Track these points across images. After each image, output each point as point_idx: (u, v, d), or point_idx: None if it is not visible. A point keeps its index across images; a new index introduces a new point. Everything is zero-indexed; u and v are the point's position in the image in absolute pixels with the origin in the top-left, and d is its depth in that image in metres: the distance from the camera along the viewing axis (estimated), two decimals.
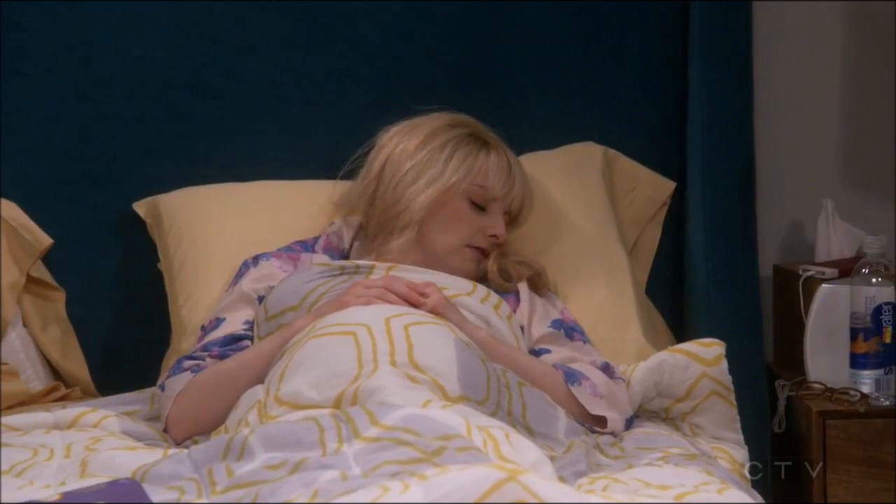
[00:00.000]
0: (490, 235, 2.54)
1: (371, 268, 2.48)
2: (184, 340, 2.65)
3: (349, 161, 2.68)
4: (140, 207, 2.85)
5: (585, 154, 2.92)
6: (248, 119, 2.91)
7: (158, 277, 2.80)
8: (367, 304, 2.28)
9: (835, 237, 2.91)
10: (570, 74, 2.98)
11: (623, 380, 2.39)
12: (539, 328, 2.51)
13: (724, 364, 2.36)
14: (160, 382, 2.41)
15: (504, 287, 2.55)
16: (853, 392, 2.64)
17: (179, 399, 2.32)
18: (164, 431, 2.33)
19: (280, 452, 1.84)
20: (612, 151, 2.95)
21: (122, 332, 2.87)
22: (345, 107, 2.90)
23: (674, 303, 2.98)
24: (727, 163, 2.88)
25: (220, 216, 2.76)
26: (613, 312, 2.69)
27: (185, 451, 1.96)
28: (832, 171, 3.11)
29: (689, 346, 2.38)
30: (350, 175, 2.68)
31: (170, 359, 2.65)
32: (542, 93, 2.97)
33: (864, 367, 2.64)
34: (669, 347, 2.43)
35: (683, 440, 2.28)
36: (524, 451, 1.85)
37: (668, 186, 2.96)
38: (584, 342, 2.50)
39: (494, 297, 2.48)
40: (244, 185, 2.83)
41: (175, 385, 2.34)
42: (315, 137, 2.90)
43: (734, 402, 2.39)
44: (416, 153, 2.54)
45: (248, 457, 1.85)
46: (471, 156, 2.54)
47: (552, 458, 1.99)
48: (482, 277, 2.55)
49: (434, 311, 2.30)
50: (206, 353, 2.40)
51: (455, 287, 2.45)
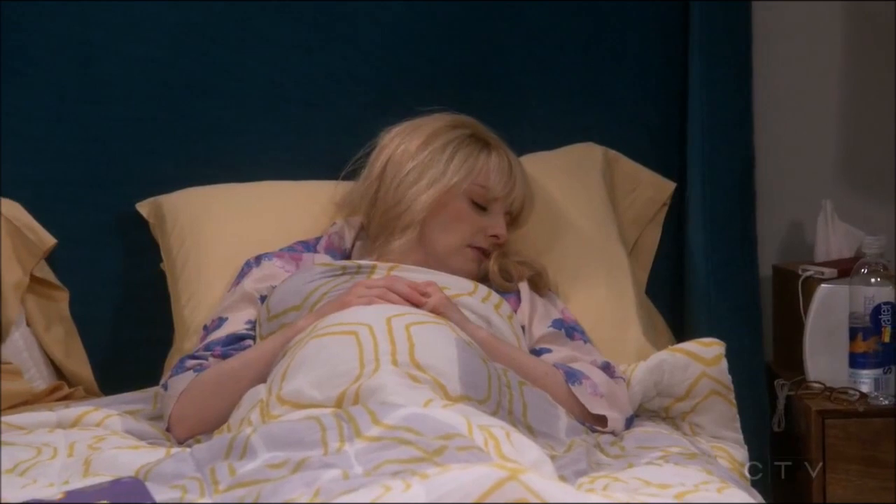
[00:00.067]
0: (491, 235, 2.55)
1: (373, 268, 2.49)
2: (186, 340, 2.65)
3: (351, 161, 2.69)
4: (143, 208, 2.85)
5: (586, 155, 2.92)
6: (250, 119, 2.91)
7: (161, 277, 2.81)
8: (369, 304, 2.28)
9: (834, 237, 2.91)
10: (571, 75, 2.98)
11: (623, 379, 2.39)
12: (540, 328, 2.51)
13: (724, 363, 2.36)
14: (163, 382, 2.41)
15: (505, 287, 2.55)
16: (852, 391, 2.64)
17: (182, 398, 2.32)
18: (167, 430, 2.33)
19: (282, 451, 1.84)
20: (613, 152, 2.95)
21: (125, 332, 2.88)
22: (346, 107, 2.91)
23: (674, 303, 2.98)
24: (727, 163, 2.88)
25: (223, 216, 2.77)
26: (614, 312, 2.69)
27: (188, 450, 1.97)
28: (831, 172, 3.11)
29: (689, 346, 2.38)
30: (352, 175, 2.69)
31: (172, 358, 2.66)
32: (543, 93, 2.97)
33: (863, 367, 2.64)
34: (669, 347, 2.43)
35: (683, 439, 2.29)
36: (525, 451, 1.85)
37: (669, 187, 2.96)
38: (585, 342, 2.50)
39: (495, 297, 2.48)
40: (246, 186, 2.84)
41: (178, 384, 2.34)
42: (317, 138, 2.91)
43: (734, 402, 2.39)
44: (418, 154, 2.54)
45: (251, 456, 1.85)
46: (472, 156, 2.55)
47: (553, 458, 1.99)
48: (483, 277, 2.56)
49: (435, 311, 2.30)
50: (209, 353, 2.41)
51: (456, 287, 2.45)
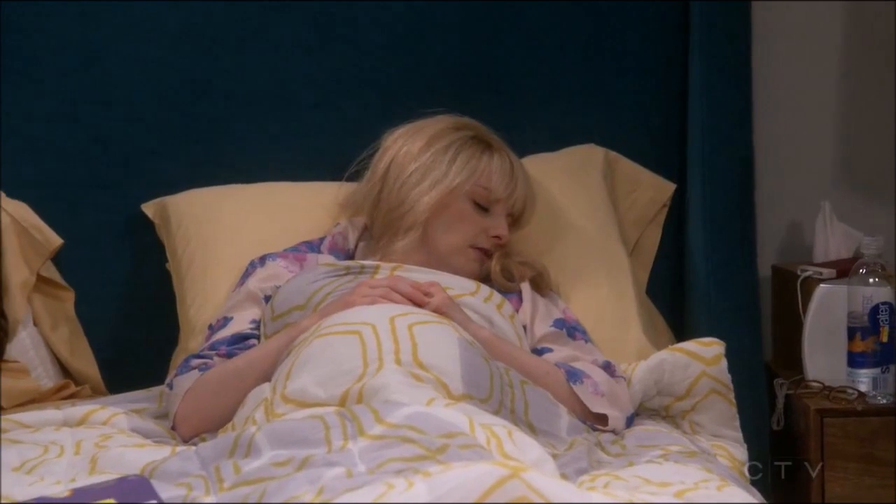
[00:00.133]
0: (493, 236, 2.55)
1: (376, 268, 2.49)
2: (192, 339, 2.66)
3: (354, 163, 2.69)
4: (148, 208, 2.86)
5: (587, 156, 2.92)
6: (255, 121, 2.91)
7: (166, 277, 2.81)
8: (372, 304, 2.29)
9: (832, 238, 2.91)
10: (572, 77, 2.98)
11: (624, 378, 2.40)
12: (541, 327, 2.51)
13: (724, 363, 2.37)
14: (168, 381, 2.42)
15: (507, 287, 2.55)
16: (851, 390, 2.65)
17: (187, 397, 2.33)
18: (173, 429, 2.33)
19: (286, 450, 1.84)
20: (614, 154, 2.95)
21: (131, 331, 2.88)
22: (350, 109, 2.91)
23: (674, 303, 2.98)
24: (727, 164, 2.88)
25: (228, 217, 2.77)
26: (614, 312, 2.70)
27: (193, 449, 1.97)
28: (830, 173, 3.11)
29: (689, 346, 2.39)
30: (355, 177, 2.69)
31: (178, 357, 2.66)
32: (544, 96, 2.97)
33: (862, 366, 2.64)
34: (669, 346, 2.43)
35: (683, 438, 2.29)
36: (527, 449, 1.85)
37: (669, 188, 2.96)
38: (586, 341, 2.51)
39: (497, 297, 2.48)
40: (251, 187, 2.84)
41: (183, 383, 2.35)
42: (321, 139, 2.91)
43: (733, 401, 2.40)
44: (421, 155, 2.54)
45: (255, 454, 1.86)
46: (474, 158, 2.55)
47: (554, 456, 1.99)
48: (485, 278, 2.56)
49: (438, 311, 2.31)
50: (214, 352, 2.41)
51: (459, 287, 2.45)
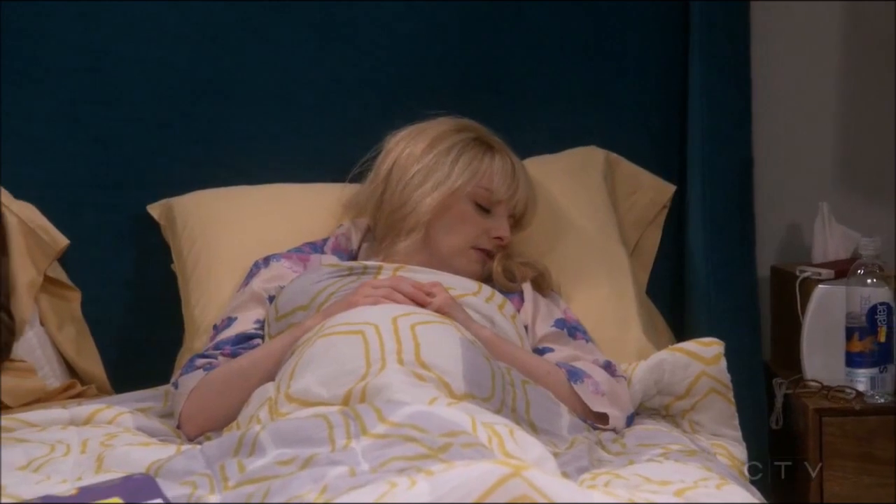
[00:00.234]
0: (495, 237, 2.55)
1: (379, 268, 2.49)
2: (196, 339, 2.66)
3: (357, 165, 2.69)
4: (154, 210, 2.87)
5: (588, 158, 2.92)
6: (259, 123, 2.92)
7: (172, 278, 2.82)
8: (375, 304, 2.29)
9: (831, 239, 2.92)
10: (573, 78, 2.98)
11: (624, 378, 2.40)
12: (542, 327, 2.51)
13: (723, 363, 2.37)
14: (173, 380, 2.43)
15: (508, 287, 2.55)
16: (849, 390, 2.65)
17: (192, 396, 2.33)
18: (178, 428, 2.33)
19: (290, 448, 1.85)
20: (614, 155, 2.95)
21: (137, 331, 2.89)
22: (353, 112, 2.92)
23: (674, 303, 2.98)
24: (726, 165, 2.88)
25: (232, 218, 2.77)
26: (615, 312, 2.70)
27: (198, 447, 1.98)
28: (828, 175, 3.11)
29: (689, 345, 2.39)
30: (358, 178, 2.69)
31: (183, 357, 2.67)
32: (546, 97, 2.97)
33: (860, 366, 2.65)
34: (669, 346, 2.44)
35: (683, 437, 2.29)
36: (528, 448, 1.86)
37: (669, 190, 2.96)
38: (587, 341, 2.51)
39: (499, 297, 2.49)
40: (255, 188, 2.85)
41: (188, 383, 2.35)
42: (324, 141, 2.91)
43: (733, 400, 2.40)
44: (423, 157, 2.55)
45: (260, 453, 1.86)
46: (476, 159, 2.55)
47: (555, 454, 2.00)
48: (487, 278, 2.56)
49: (440, 311, 2.31)
50: (219, 352, 2.42)
51: (461, 287, 2.46)
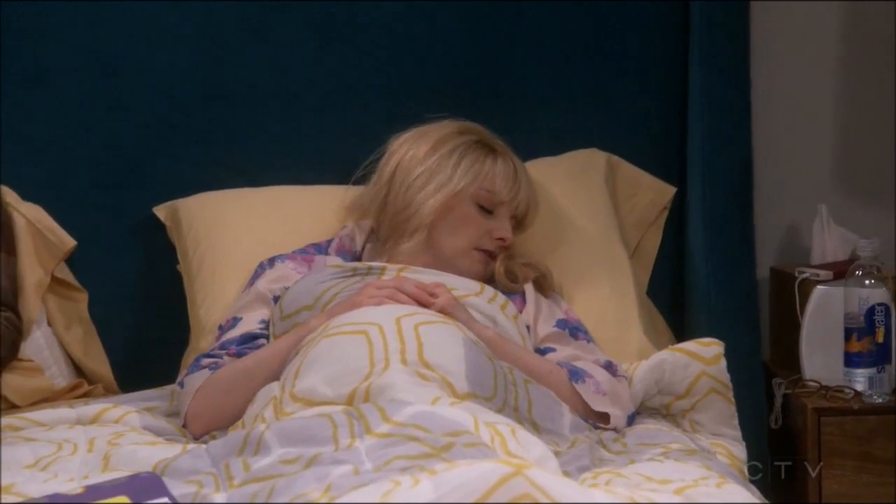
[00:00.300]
0: (497, 238, 2.56)
1: (382, 269, 2.50)
2: (202, 339, 2.67)
3: (361, 167, 2.70)
4: (160, 211, 2.87)
5: (589, 160, 2.93)
6: (265, 126, 2.92)
7: (177, 279, 2.82)
8: (379, 305, 2.30)
9: (829, 241, 2.92)
10: (573, 80, 2.99)
11: (625, 378, 2.41)
12: (544, 328, 2.53)
13: (723, 363, 2.38)
14: (179, 380, 2.43)
15: (510, 288, 2.56)
16: (847, 390, 2.66)
17: (198, 396, 2.34)
18: (183, 427, 2.34)
19: (295, 447, 1.85)
20: (615, 158, 2.96)
21: (143, 332, 2.89)
22: (357, 114, 2.92)
23: (674, 303, 2.98)
24: (726, 166, 2.88)
25: (237, 220, 2.78)
26: (616, 312, 2.71)
27: (204, 446, 1.98)
28: (827, 177, 3.11)
29: (689, 346, 2.40)
30: (362, 180, 2.70)
31: (189, 357, 2.68)
32: (548, 100, 2.97)
33: (858, 366, 2.66)
34: (670, 346, 2.45)
35: (683, 436, 2.30)
36: (530, 447, 1.87)
37: (669, 191, 2.96)
38: (588, 341, 2.52)
39: (501, 298, 2.50)
40: (260, 190, 2.85)
41: (194, 382, 2.36)
42: (328, 144, 2.92)
43: (732, 400, 2.41)
44: (426, 159, 2.56)
45: (264, 452, 1.86)
46: (478, 161, 2.56)
47: (557, 454, 2.01)
48: (489, 279, 2.57)
49: (443, 311, 2.31)
50: (224, 352, 2.42)
51: (463, 288, 2.47)
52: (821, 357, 2.75)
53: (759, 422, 2.75)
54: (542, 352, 2.49)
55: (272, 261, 2.61)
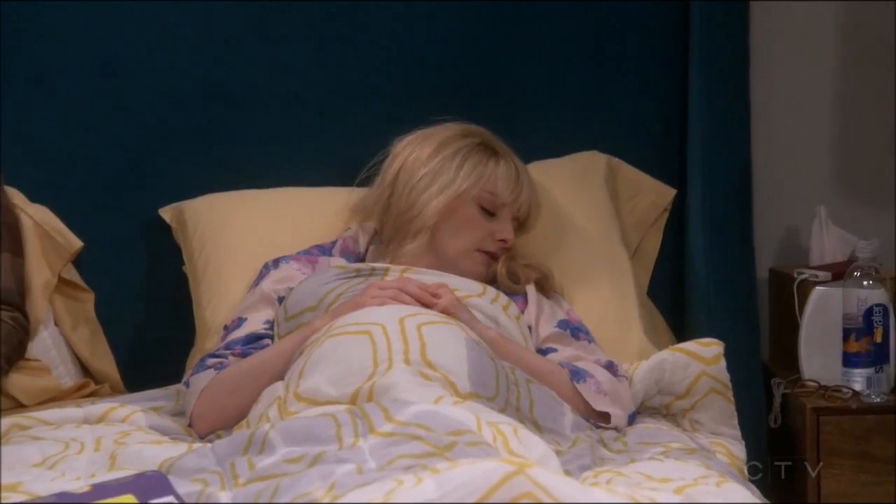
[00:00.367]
0: (499, 240, 2.57)
1: (386, 270, 2.51)
2: (207, 339, 2.68)
3: (365, 169, 2.70)
4: (166, 213, 2.89)
5: (590, 162, 2.93)
6: (269, 128, 2.93)
7: (183, 280, 2.83)
8: (382, 305, 2.30)
9: (828, 242, 2.92)
10: (574, 82, 2.99)
11: (626, 377, 2.41)
12: (546, 328, 2.53)
13: (723, 363, 2.39)
14: (185, 379, 2.44)
15: (513, 289, 2.57)
16: (846, 389, 2.66)
17: (203, 395, 2.34)
18: (189, 426, 2.34)
19: (299, 447, 1.85)
20: (616, 160, 2.96)
21: (149, 332, 2.91)
22: (361, 117, 2.93)
23: (674, 304, 2.99)
24: (726, 167, 2.88)
25: (242, 221, 2.79)
26: (617, 313, 2.71)
27: (209, 445, 1.98)
28: (826, 179, 3.11)
29: (689, 346, 2.41)
30: (366, 182, 2.71)
31: (194, 357, 2.69)
32: (549, 103, 2.98)
33: (856, 366, 2.66)
34: (670, 347, 2.45)
35: (683, 435, 2.30)
36: (532, 446, 1.87)
37: (669, 193, 2.97)
38: (589, 341, 2.53)
39: (504, 299, 2.50)
40: (264, 192, 2.86)
41: (199, 382, 2.36)
42: (332, 146, 2.92)
43: (732, 399, 2.41)
44: (429, 161, 2.56)
45: (269, 451, 1.86)
46: (481, 164, 2.57)
47: (558, 453, 2.02)
48: (492, 280, 2.58)
49: (446, 312, 2.32)
50: (229, 352, 2.43)
51: (466, 289, 2.47)
52: (819, 357, 2.76)
53: (759, 421, 2.75)
54: (544, 352, 2.49)
55: (277, 262, 2.62)
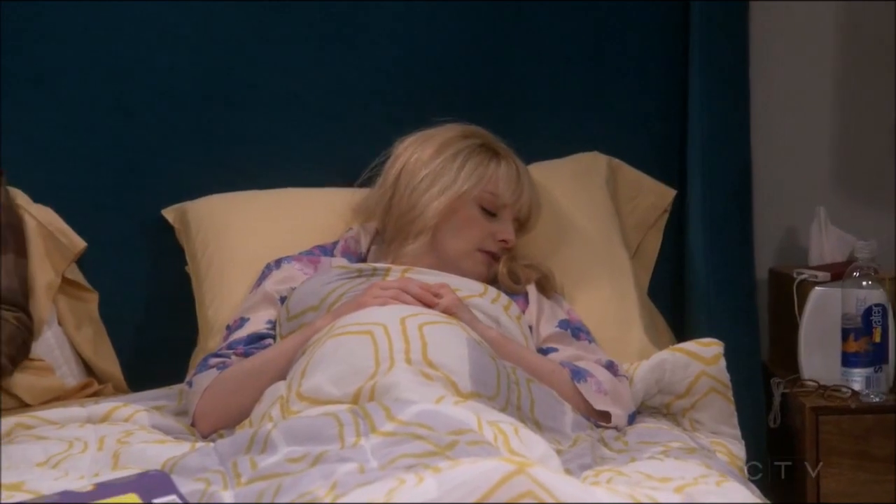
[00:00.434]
0: (500, 240, 2.57)
1: (387, 270, 2.51)
2: (210, 339, 2.68)
3: (367, 170, 2.71)
4: (169, 214, 2.89)
5: (591, 163, 2.94)
6: (271, 129, 2.93)
7: (186, 280, 2.84)
8: (384, 305, 2.30)
9: (827, 242, 2.93)
10: (574, 83, 2.99)
11: (626, 377, 2.41)
12: (547, 328, 2.54)
13: (723, 362, 2.39)
14: (188, 379, 2.44)
15: (513, 289, 2.58)
16: (845, 389, 2.67)
17: (206, 395, 2.35)
18: (192, 426, 2.35)
19: (301, 446, 1.86)
20: (616, 161, 2.97)
21: (152, 332, 2.91)
22: (362, 118, 2.93)
23: (674, 304, 2.99)
24: (726, 167, 2.88)
25: (245, 222, 2.79)
26: (617, 313, 2.72)
27: (212, 445, 1.98)
28: (825, 180, 3.11)
29: (689, 346, 2.41)
30: (367, 183, 2.72)
31: (197, 357, 2.70)
32: (550, 104, 2.99)
33: (855, 366, 2.66)
34: (670, 346, 2.46)
35: (683, 435, 2.31)
36: (532, 445, 1.88)
37: (669, 194, 2.98)
38: (590, 341, 2.53)
39: (504, 299, 2.51)
40: (267, 193, 2.86)
41: (202, 381, 2.37)
42: (334, 147, 2.93)
43: (732, 399, 2.42)
44: (431, 162, 2.57)
45: (271, 450, 1.87)
46: (482, 165, 2.57)
47: (559, 452, 2.03)
48: (493, 280, 2.58)
49: (447, 312, 2.32)
50: (231, 352, 2.44)
51: (467, 289, 2.48)
52: (819, 357, 2.76)
53: (758, 421, 2.76)
54: (545, 352, 2.50)
55: (279, 262, 2.63)
